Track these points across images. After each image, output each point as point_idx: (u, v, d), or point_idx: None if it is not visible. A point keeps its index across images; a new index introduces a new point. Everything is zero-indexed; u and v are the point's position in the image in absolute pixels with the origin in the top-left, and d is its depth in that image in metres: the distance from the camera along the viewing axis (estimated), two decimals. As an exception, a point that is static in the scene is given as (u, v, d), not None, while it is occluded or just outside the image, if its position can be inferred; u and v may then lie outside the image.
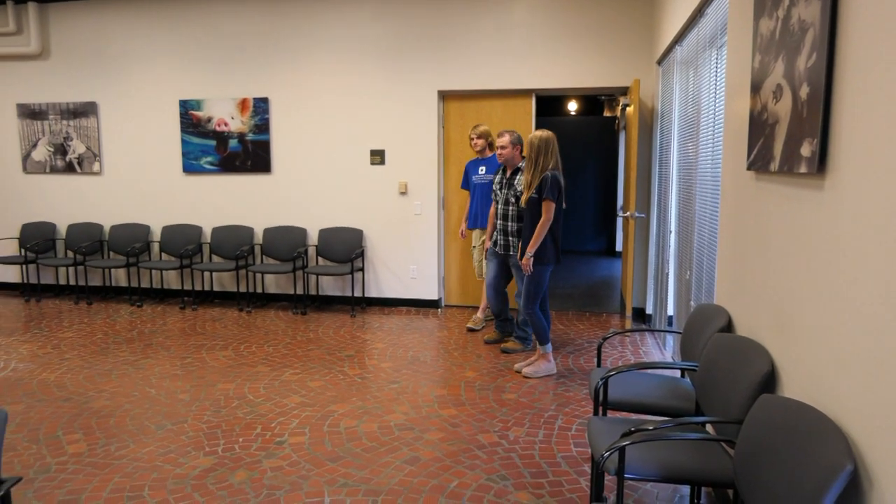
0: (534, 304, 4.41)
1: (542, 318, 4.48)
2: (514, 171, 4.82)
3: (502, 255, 4.92)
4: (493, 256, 5.04)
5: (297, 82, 6.55)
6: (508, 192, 4.79)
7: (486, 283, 5.13)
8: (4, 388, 4.22)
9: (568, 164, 10.77)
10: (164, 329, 5.71)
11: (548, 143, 4.29)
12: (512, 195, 4.77)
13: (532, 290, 4.38)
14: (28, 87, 7.15)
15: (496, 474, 3.05)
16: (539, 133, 4.31)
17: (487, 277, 5.10)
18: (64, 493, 2.89)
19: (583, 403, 3.95)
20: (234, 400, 4.00)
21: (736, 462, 1.94)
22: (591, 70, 6.02)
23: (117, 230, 7.04)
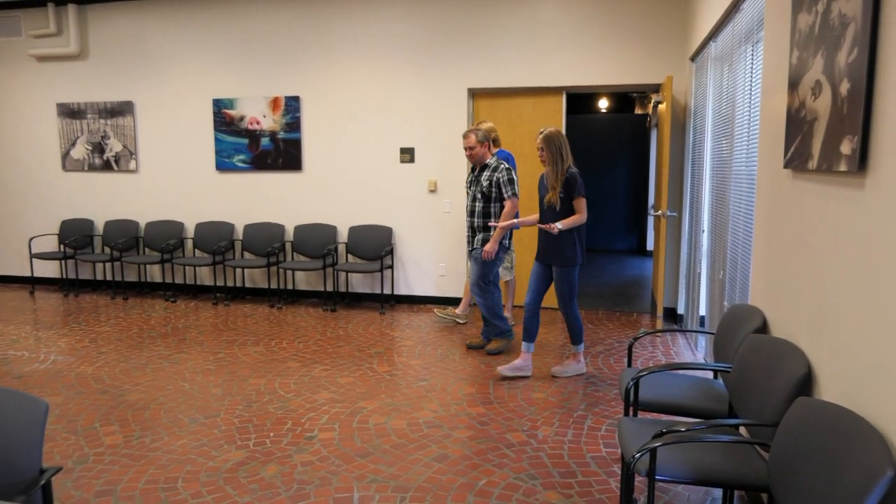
0: (571, 304, 4.34)
1: (579, 318, 4.41)
2: (482, 167, 4.81)
3: (471, 250, 4.88)
4: (470, 256, 4.96)
5: (328, 81, 6.60)
6: (476, 188, 4.80)
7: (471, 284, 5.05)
8: (45, 381, 4.34)
9: (598, 163, 10.67)
10: (197, 324, 5.81)
11: (560, 138, 4.18)
12: (478, 191, 4.77)
13: (565, 291, 4.31)
14: (67, 87, 7.33)
15: (525, 473, 3.04)
16: (550, 129, 4.19)
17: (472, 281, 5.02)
18: (101, 483, 2.96)
19: (612, 404, 3.92)
20: (265, 395, 4.05)
21: (771, 466, 1.91)
22: (622, 67, 5.96)
23: (152, 227, 7.18)
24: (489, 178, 4.75)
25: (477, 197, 4.79)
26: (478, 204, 4.79)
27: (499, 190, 4.74)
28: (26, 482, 1.73)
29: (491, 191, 4.74)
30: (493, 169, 4.76)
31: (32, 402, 1.78)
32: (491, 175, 4.75)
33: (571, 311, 4.37)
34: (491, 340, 5.03)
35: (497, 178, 4.72)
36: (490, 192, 4.75)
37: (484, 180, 4.76)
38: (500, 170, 4.74)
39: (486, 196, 4.76)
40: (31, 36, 7.29)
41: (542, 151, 4.19)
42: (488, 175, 4.75)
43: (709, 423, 2.08)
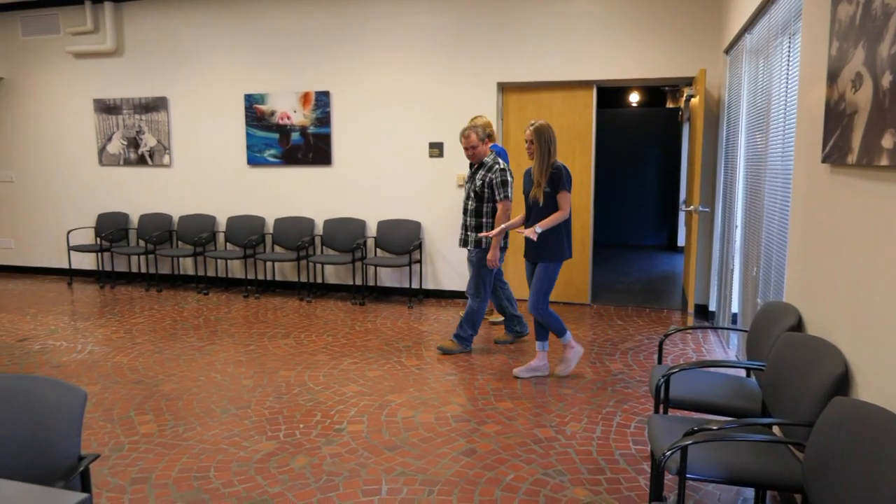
0: (544, 302, 4.21)
1: (553, 313, 4.25)
2: (479, 165, 4.69)
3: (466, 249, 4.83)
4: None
5: (358, 75, 6.63)
6: (470, 185, 4.70)
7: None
8: (82, 370, 4.45)
9: (628, 158, 10.56)
10: (228, 317, 5.90)
11: (551, 131, 4.09)
12: (472, 189, 4.67)
13: (543, 286, 4.18)
14: (104, 83, 7.47)
15: (553, 469, 3.03)
16: (541, 122, 4.10)
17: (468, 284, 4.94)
18: (136, 470, 3.03)
19: (642, 401, 3.88)
20: (294, 387, 4.10)
21: (806, 466, 1.87)
22: (654, 60, 5.88)
23: (185, 220, 7.30)
24: (482, 178, 4.61)
25: (471, 195, 4.67)
26: (470, 203, 4.68)
27: (491, 191, 4.61)
28: (65, 468, 1.78)
29: (483, 191, 4.62)
30: (488, 169, 4.62)
31: (71, 391, 1.83)
32: (485, 175, 4.61)
33: (544, 308, 4.21)
34: (516, 337, 5.03)
35: (490, 178, 4.59)
36: (483, 192, 4.62)
37: (478, 179, 4.63)
38: (495, 170, 4.60)
39: (479, 196, 4.63)
40: (69, 33, 7.45)
41: (530, 144, 4.11)
42: (482, 174, 4.62)
43: (741, 422, 2.04)
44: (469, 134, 4.59)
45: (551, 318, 4.25)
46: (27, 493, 1.46)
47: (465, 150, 4.67)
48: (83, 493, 1.53)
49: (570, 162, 6.24)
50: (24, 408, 1.83)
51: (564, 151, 6.24)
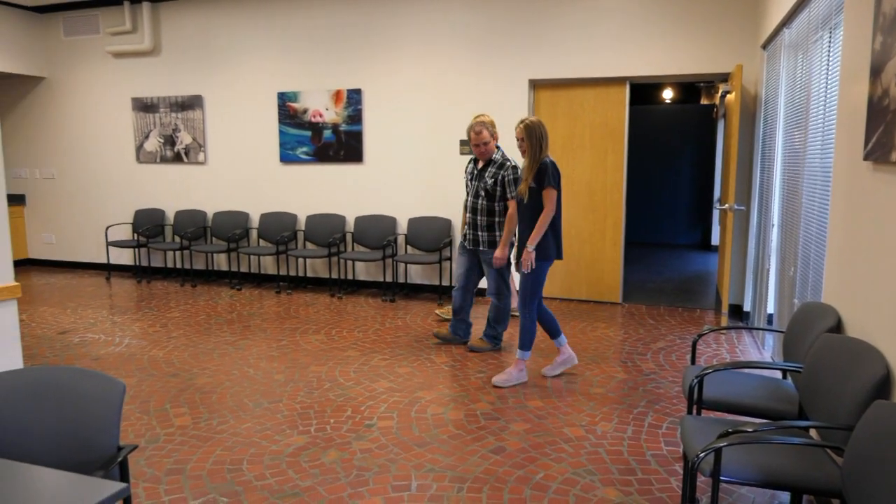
0: (532, 303, 4.12)
1: (535, 321, 4.15)
2: (487, 162, 4.61)
3: (471, 249, 4.73)
4: (464, 251, 4.81)
5: (389, 73, 6.65)
6: (479, 184, 4.60)
7: (455, 277, 4.92)
8: (119, 363, 4.55)
9: (661, 155, 10.42)
10: (261, 312, 5.98)
11: (542, 128, 4.01)
12: (482, 187, 4.58)
13: (530, 287, 4.08)
14: (141, 82, 7.63)
15: (583, 469, 3.01)
16: (532, 119, 4.02)
17: (456, 272, 4.90)
18: (171, 462, 3.09)
19: (674, 401, 3.84)
20: (325, 382, 4.14)
21: (845, 471, 1.83)
22: (689, 56, 5.79)
23: (219, 217, 7.42)
24: (494, 176, 4.54)
25: (480, 194, 4.59)
26: (481, 201, 4.60)
27: (503, 189, 4.56)
28: (105, 458, 1.83)
29: (496, 189, 4.55)
30: (500, 166, 4.54)
31: (111, 383, 1.87)
32: (497, 172, 4.54)
33: (529, 311, 4.12)
34: (457, 337, 4.93)
35: (503, 176, 4.52)
36: (495, 190, 4.55)
37: (489, 177, 4.56)
38: (507, 168, 4.53)
39: (491, 194, 4.57)
40: (109, 33, 7.61)
41: (521, 142, 4.02)
42: (494, 172, 4.55)
43: (778, 425, 2.01)
44: (481, 130, 4.50)
45: (531, 325, 4.12)
46: (69, 481, 1.50)
47: (474, 147, 4.56)
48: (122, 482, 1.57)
49: (602, 160, 6.19)
50: (66, 399, 1.88)
51: (596, 149, 6.19)
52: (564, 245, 6.41)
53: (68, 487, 1.47)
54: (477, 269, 4.83)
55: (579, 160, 6.28)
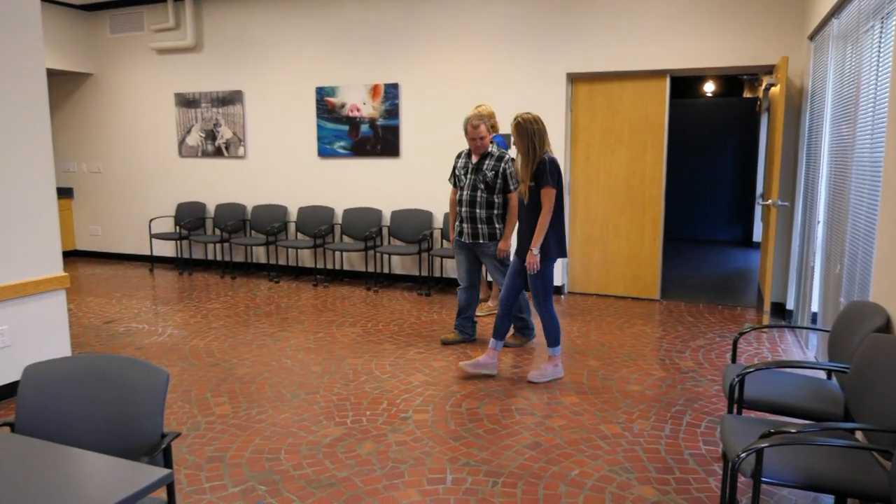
0: (547, 302, 4.05)
1: (556, 317, 4.11)
2: (484, 155, 4.56)
3: (470, 244, 4.66)
4: (461, 248, 4.74)
5: (426, 67, 6.66)
6: (476, 177, 4.54)
7: (459, 277, 4.82)
8: (162, 352, 4.67)
9: (702, 149, 10.23)
10: (298, 304, 6.06)
11: (540, 123, 3.89)
12: (481, 181, 4.52)
13: (541, 287, 4.02)
14: (184, 78, 7.78)
15: (619, 466, 2.99)
16: (526, 115, 3.90)
17: (458, 272, 4.81)
18: (212, 450, 3.16)
19: (713, 400, 3.77)
20: (361, 374, 4.18)
21: (892, 475, 1.78)
22: (732, 48, 5.66)
23: (258, 210, 7.53)
24: (495, 169, 4.50)
25: (479, 187, 4.55)
26: (480, 194, 4.55)
27: (504, 181, 4.52)
28: (149, 445, 1.88)
29: (496, 182, 4.51)
30: (498, 158, 4.52)
31: (155, 372, 1.92)
32: (497, 165, 4.50)
33: (546, 309, 4.06)
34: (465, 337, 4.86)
35: (504, 169, 4.50)
36: (496, 183, 4.51)
37: (488, 170, 4.52)
38: (507, 160, 4.51)
39: (491, 187, 4.53)
40: (153, 30, 7.78)
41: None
42: (493, 164, 4.51)
43: (822, 426, 1.96)
44: (479, 124, 4.46)
45: (552, 322, 4.09)
46: (115, 466, 1.55)
47: (471, 141, 4.52)
48: (166, 468, 1.61)
49: (641, 154, 6.10)
50: (113, 386, 1.94)
51: (635, 143, 6.10)
52: (601, 240, 6.35)
53: (115, 472, 1.52)
54: (477, 264, 4.79)
55: (617, 155, 6.20)
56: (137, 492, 1.44)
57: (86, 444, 1.90)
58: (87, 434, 1.92)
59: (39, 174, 3.88)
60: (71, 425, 1.93)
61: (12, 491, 1.44)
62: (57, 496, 1.42)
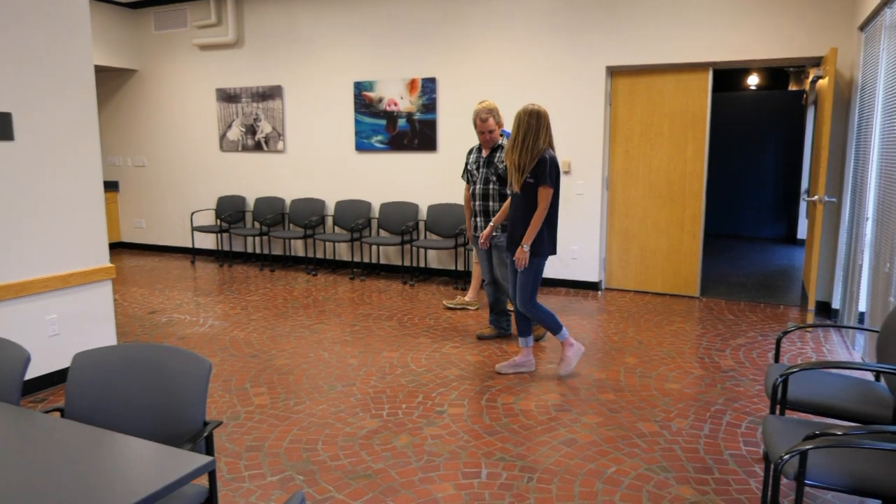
0: (532, 299, 4.00)
1: (544, 308, 4.04)
2: (494, 148, 4.60)
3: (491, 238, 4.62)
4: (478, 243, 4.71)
5: (464, 61, 6.64)
6: (488, 170, 4.58)
7: (483, 273, 4.81)
8: (203, 343, 4.77)
9: (744, 143, 10.00)
10: (335, 297, 6.12)
11: (539, 119, 3.79)
12: (493, 173, 4.55)
13: (528, 283, 3.97)
14: (225, 73, 7.91)
15: (657, 465, 2.95)
16: (529, 107, 3.81)
17: (482, 267, 4.78)
18: (251, 439, 3.22)
19: (754, 400, 3.69)
20: (397, 368, 4.21)
21: (944, 480, 1.72)
22: (778, 39, 5.51)
23: (297, 204, 7.63)
24: (504, 161, 4.49)
25: (491, 180, 4.58)
26: (492, 187, 4.59)
27: None
28: (192, 432, 1.92)
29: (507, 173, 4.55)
30: None
31: (198, 361, 1.97)
32: None
33: (532, 306, 3.98)
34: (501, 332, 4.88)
35: None
36: (506, 174, 4.43)
37: (499, 162, 4.56)
38: None
39: (503, 179, 4.56)
40: (195, 27, 7.92)
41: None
42: (503, 157, 4.54)
43: (870, 429, 1.90)
44: (487, 118, 4.51)
45: (542, 313, 4.03)
46: (160, 452, 1.59)
47: (480, 135, 4.57)
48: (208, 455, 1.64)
49: (682, 149, 5.99)
50: (158, 375, 1.99)
51: (676, 137, 6.00)
52: (639, 236, 6.27)
53: (160, 458, 1.56)
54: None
55: (657, 149, 6.10)
56: (181, 478, 1.47)
57: (131, 431, 1.95)
58: (132, 420, 1.98)
59: (88, 168, 4.00)
60: (117, 412, 1.99)
61: (63, 474, 1.48)
62: (105, 480, 1.46)
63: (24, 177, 3.67)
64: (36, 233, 3.75)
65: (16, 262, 3.66)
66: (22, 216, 3.67)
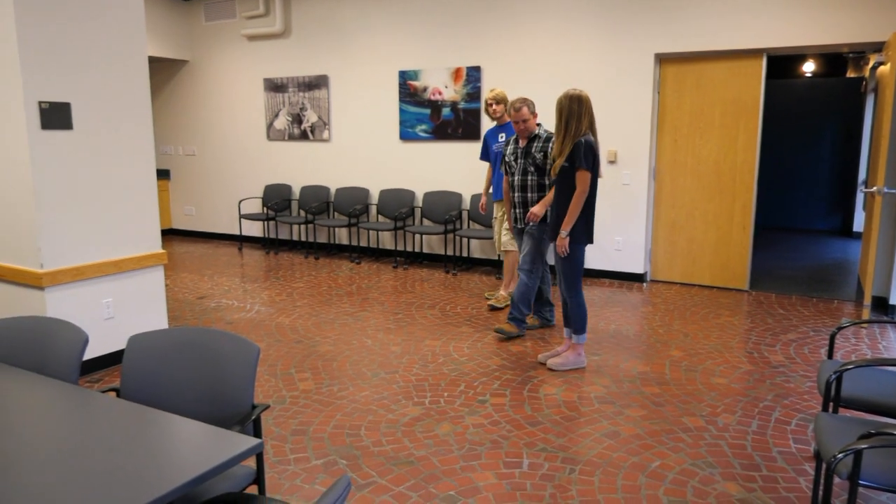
0: (575, 288, 3.95)
1: (584, 305, 4.00)
2: (531, 138, 4.46)
3: (526, 229, 4.53)
4: (519, 234, 4.67)
5: (509, 49, 6.59)
6: (526, 161, 4.45)
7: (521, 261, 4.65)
8: (250, 328, 4.87)
9: (798, 132, 9.68)
10: (378, 285, 6.18)
11: (581, 103, 3.74)
12: (531, 164, 4.42)
13: (569, 272, 3.92)
14: (272, 63, 8.02)
15: (702, 460, 2.90)
16: (570, 92, 3.76)
17: (520, 257, 4.64)
18: (296, 423, 3.28)
19: (805, 397, 3.59)
20: (440, 356, 4.23)
21: None
22: (836, 24, 5.30)
23: (341, 193, 7.71)
24: (543, 150, 4.42)
25: (529, 170, 4.46)
26: (531, 178, 4.47)
27: None
28: (240, 415, 1.97)
29: (546, 163, 4.42)
30: (546, 139, 4.43)
31: (247, 345, 2.01)
32: (545, 146, 4.41)
33: (574, 295, 3.96)
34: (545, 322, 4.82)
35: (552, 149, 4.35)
36: (545, 164, 4.43)
37: (537, 152, 4.43)
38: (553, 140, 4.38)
39: (541, 169, 4.44)
40: (244, 17, 8.05)
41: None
42: (541, 146, 4.43)
43: (930, 429, 1.83)
44: (521, 107, 4.39)
45: (580, 309, 3.99)
46: (210, 433, 1.63)
47: (514, 125, 4.46)
48: (256, 438, 1.68)
49: (733, 138, 5.83)
50: (208, 358, 2.04)
51: (727, 126, 5.84)
52: (687, 227, 6.14)
53: (211, 439, 1.60)
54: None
55: (707, 139, 5.95)
56: (231, 459, 1.51)
57: (182, 411, 2.01)
58: (183, 402, 2.04)
59: (142, 157, 4.11)
60: (169, 393, 2.05)
61: (118, 452, 1.54)
62: (158, 459, 1.51)
63: (81, 165, 3.80)
64: (92, 219, 3.88)
65: (74, 247, 3.79)
66: (80, 203, 3.81)
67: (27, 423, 1.70)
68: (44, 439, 1.61)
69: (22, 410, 1.78)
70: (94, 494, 1.36)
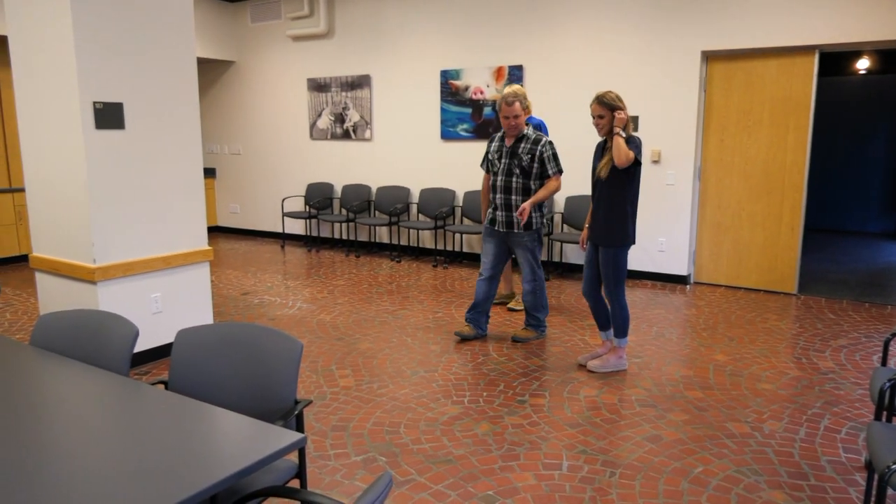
0: (618, 291, 3.86)
1: (627, 308, 3.91)
2: (519, 138, 4.27)
3: (503, 233, 4.37)
4: (491, 236, 4.45)
5: (551, 48, 6.54)
6: (511, 161, 4.26)
7: (482, 266, 4.49)
8: (292, 324, 4.95)
9: (851, 132, 9.37)
10: (418, 284, 6.21)
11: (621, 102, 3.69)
12: (516, 165, 4.24)
13: (611, 275, 3.85)
14: (316, 63, 8.13)
15: (747, 467, 2.84)
16: (605, 91, 3.71)
17: (483, 260, 4.48)
18: (336, 419, 3.32)
19: (856, 405, 3.48)
20: (479, 356, 4.22)
21: None
22: (893, 19, 5.11)
23: (382, 192, 7.76)
24: (531, 152, 4.23)
25: (515, 172, 4.27)
26: (515, 179, 4.28)
27: (542, 166, 4.24)
28: (283, 410, 2.00)
29: (533, 166, 4.25)
30: (534, 141, 4.24)
31: (291, 342, 2.04)
32: (532, 148, 4.23)
33: (617, 298, 3.87)
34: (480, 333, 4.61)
35: (541, 152, 4.22)
36: (532, 167, 4.24)
37: (523, 154, 4.25)
38: (544, 143, 4.23)
39: (528, 171, 4.26)
40: (289, 18, 8.17)
41: (598, 119, 3.70)
42: (528, 148, 4.24)
43: None
44: (513, 102, 4.18)
45: (623, 312, 3.91)
46: (255, 427, 1.66)
47: (503, 120, 4.24)
48: (299, 432, 1.71)
49: (782, 137, 5.68)
50: (252, 353, 2.08)
51: (776, 125, 5.69)
52: (733, 228, 6.01)
53: (255, 433, 1.63)
54: (505, 255, 4.51)
55: (755, 138, 5.81)
56: (274, 453, 1.54)
57: (227, 405, 2.05)
58: (229, 395, 2.08)
59: (190, 156, 4.21)
60: (215, 387, 2.10)
61: (166, 442, 1.58)
62: (205, 451, 1.54)
63: (132, 164, 3.91)
64: (142, 216, 3.99)
65: (124, 243, 3.91)
66: (130, 200, 3.92)
67: (82, 413, 1.76)
68: (97, 430, 1.66)
69: (77, 401, 1.85)
70: (141, 484, 1.40)
